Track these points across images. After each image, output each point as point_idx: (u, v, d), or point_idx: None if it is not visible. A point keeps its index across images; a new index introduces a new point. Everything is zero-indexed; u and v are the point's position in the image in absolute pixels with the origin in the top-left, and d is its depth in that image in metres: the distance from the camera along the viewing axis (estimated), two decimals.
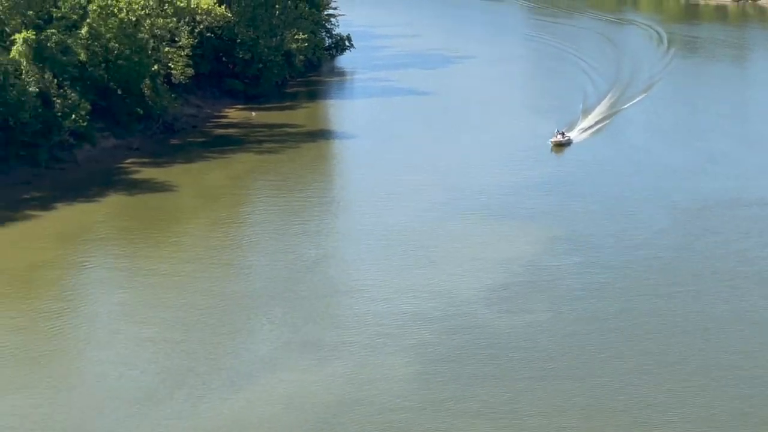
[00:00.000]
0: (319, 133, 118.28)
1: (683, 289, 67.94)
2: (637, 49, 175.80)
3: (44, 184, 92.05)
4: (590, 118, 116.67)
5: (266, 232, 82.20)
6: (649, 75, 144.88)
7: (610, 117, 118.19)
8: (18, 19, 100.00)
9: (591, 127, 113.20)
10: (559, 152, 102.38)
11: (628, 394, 54.03)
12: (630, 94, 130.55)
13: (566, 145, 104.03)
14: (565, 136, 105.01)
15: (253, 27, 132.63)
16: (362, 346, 59.59)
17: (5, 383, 55.48)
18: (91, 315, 65.11)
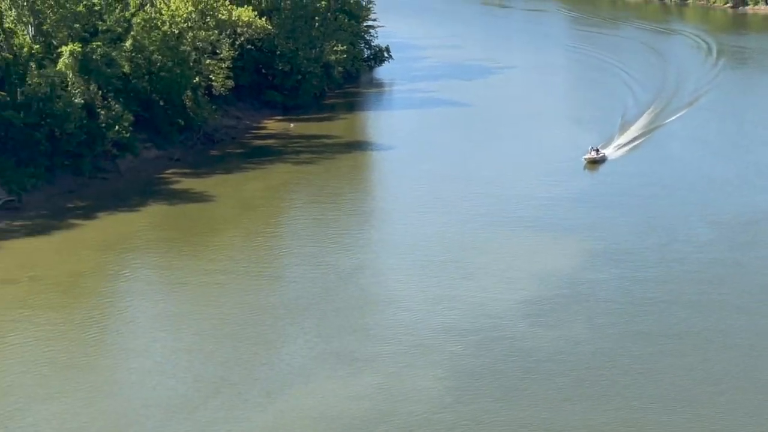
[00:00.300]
0: (356, 144, 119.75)
1: (727, 304, 68.25)
2: (683, 59, 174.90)
3: (88, 194, 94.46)
4: (629, 134, 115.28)
5: (302, 242, 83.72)
6: (694, 87, 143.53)
7: (650, 132, 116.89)
8: (65, 32, 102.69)
9: (629, 143, 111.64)
10: (593, 170, 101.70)
11: (668, 412, 54.43)
12: (674, 106, 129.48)
13: (600, 162, 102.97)
14: (599, 152, 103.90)
15: (293, 39, 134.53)
16: (396, 358, 60.68)
17: (44, 390, 57.27)
18: (129, 324, 66.95)
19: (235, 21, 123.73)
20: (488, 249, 79.29)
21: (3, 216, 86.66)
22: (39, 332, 64.37)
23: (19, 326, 65.30)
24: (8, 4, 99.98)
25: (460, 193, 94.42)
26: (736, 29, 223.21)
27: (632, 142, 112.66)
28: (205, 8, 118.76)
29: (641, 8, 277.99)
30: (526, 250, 78.88)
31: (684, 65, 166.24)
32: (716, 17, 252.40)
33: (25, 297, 70.04)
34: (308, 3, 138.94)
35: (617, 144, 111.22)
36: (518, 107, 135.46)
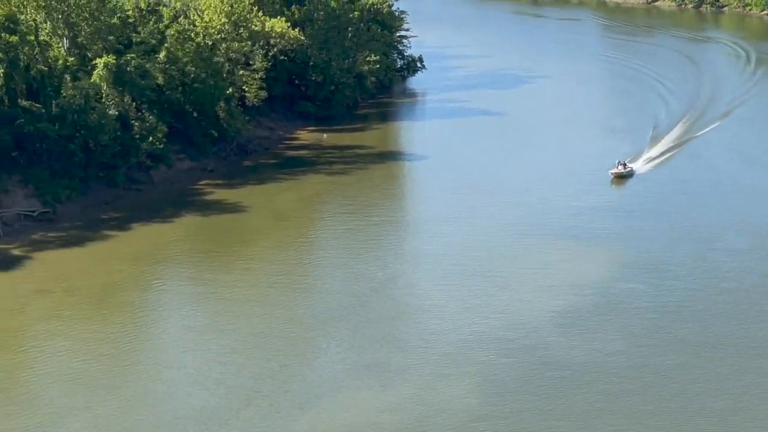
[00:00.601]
0: (389, 154, 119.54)
1: (765, 315, 67.37)
2: (719, 67, 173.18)
3: (122, 205, 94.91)
4: (659, 146, 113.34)
5: (334, 253, 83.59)
6: (730, 96, 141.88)
7: (681, 145, 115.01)
8: (99, 44, 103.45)
9: (659, 156, 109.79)
10: (619, 184, 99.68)
11: (706, 424, 53.87)
12: (708, 117, 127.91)
13: (628, 177, 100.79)
14: (626, 167, 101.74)
15: (326, 49, 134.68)
16: (428, 369, 60.30)
17: (76, 401, 57.44)
18: (161, 335, 67.13)
19: (268, 32, 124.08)
20: (520, 258, 78.84)
21: (38, 227, 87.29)
22: (72, 343, 64.68)
23: (52, 337, 65.64)
24: (43, 17, 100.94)
25: (492, 203, 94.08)
26: None
27: (662, 155, 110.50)
28: (238, 20, 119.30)
29: (676, 16, 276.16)
30: (558, 260, 78.27)
31: (720, 73, 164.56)
32: (752, 24, 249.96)
33: (59, 308, 70.42)
34: (341, 14, 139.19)
35: (647, 157, 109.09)
36: (551, 116, 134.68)
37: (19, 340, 65.78)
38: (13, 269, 78.15)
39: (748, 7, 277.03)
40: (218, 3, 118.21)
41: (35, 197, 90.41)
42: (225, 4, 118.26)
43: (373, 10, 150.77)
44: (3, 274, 77.18)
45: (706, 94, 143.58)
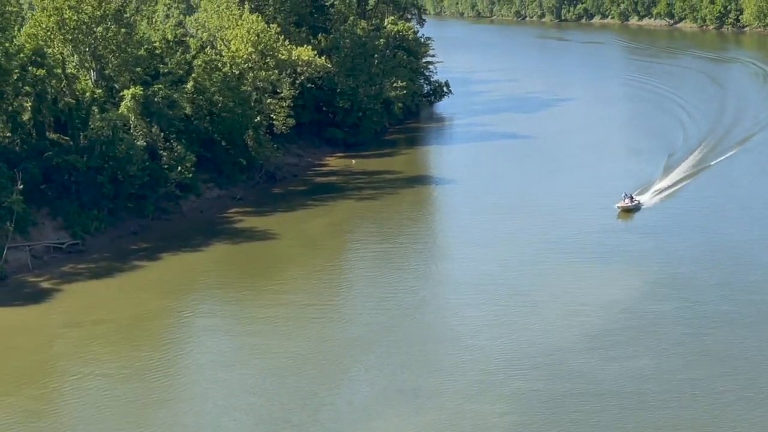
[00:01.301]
0: (417, 179, 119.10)
1: None
2: (741, 87, 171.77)
3: (151, 235, 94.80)
4: (672, 176, 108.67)
5: (364, 278, 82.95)
6: (752, 120, 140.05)
7: (696, 174, 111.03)
8: (127, 75, 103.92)
9: (670, 187, 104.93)
10: (626, 218, 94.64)
11: None
12: (728, 142, 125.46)
13: (635, 211, 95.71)
14: (633, 200, 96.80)
15: (353, 76, 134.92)
16: (460, 393, 59.24)
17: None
18: (190, 366, 66.29)
19: (295, 60, 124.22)
20: (550, 281, 77.77)
21: (67, 259, 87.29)
22: (100, 376, 64.07)
23: (80, 370, 65.12)
24: (70, 50, 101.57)
25: (521, 226, 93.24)
26: None
27: (674, 185, 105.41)
28: (264, 49, 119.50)
29: (698, 37, 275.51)
30: (587, 282, 77.20)
31: (742, 94, 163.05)
32: None
33: (88, 341, 69.97)
34: (367, 41, 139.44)
35: (657, 188, 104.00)
36: (576, 140, 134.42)
37: (47, 374, 65.29)
38: (42, 302, 78.00)
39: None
40: (245, 33, 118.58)
41: (64, 229, 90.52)
42: (251, 34, 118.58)
43: (399, 37, 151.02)
44: (32, 307, 77.04)
45: (729, 116, 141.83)
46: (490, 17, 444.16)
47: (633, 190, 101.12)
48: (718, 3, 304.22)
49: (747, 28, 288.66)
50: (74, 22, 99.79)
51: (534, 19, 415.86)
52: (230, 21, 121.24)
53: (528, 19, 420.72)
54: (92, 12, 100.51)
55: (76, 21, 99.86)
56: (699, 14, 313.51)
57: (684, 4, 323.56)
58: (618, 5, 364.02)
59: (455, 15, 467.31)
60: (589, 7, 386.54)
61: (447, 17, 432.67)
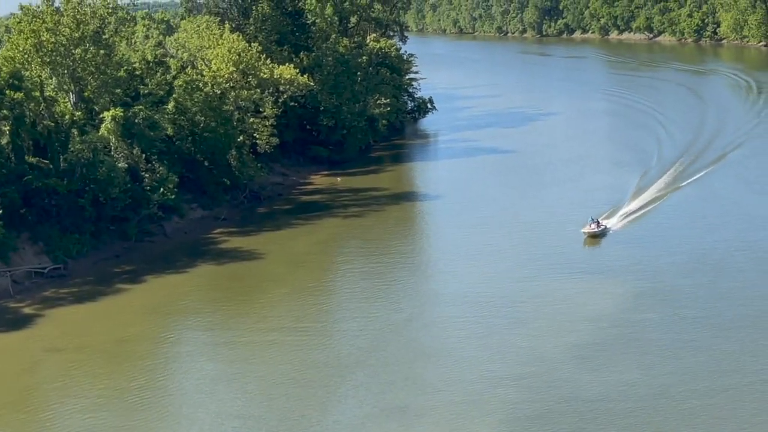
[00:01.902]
0: (403, 195, 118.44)
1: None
2: (722, 99, 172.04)
3: (134, 257, 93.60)
4: (644, 197, 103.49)
5: (351, 297, 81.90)
6: (732, 134, 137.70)
7: (671, 193, 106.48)
8: (106, 97, 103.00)
9: (639, 210, 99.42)
10: (593, 245, 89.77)
11: None
12: (707, 158, 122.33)
13: (602, 236, 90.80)
14: (600, 225, 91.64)
15: (336, 94, 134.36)
16: (448, 411, 58.22)
17: None
18: (174, 389, 65.01)
19: (277, 79, 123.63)
20: (536, 294, 76.92)
21: (49, 284, 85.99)
22: (82, 401, 62.79)
23: (63, 396, 63.96)
24: (49, 73, 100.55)
25: (506, 241, 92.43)
26: None
27: (645, 207, 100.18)
28: (246, 68, 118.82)
29: (677, 50, 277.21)
30: (573, 294, 76.36)
31: (724, 105, 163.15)
32: (751, 55, 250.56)
33: (70, 366, 68.69)
34: (350, 59, 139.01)
35: (626, 211, 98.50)
36: (558, 154, 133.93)
37: (29, 400, 63.97)
38: (24, 328, 76.68)
39: (746, 39, 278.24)
40: (226, 52, 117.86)
41: (45, 254, 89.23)
42: (232, 54, 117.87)
43: (382, 54, 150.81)
44: (14, 333, 75.73)
45: (709, 129, 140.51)
46: (473, 33, 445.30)
47: (611, 206, 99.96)
48: (696, 16, 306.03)
49: (724, 40, 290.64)
50: (52, 45, 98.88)
51: (516, 35, 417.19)
52: (211, 41, 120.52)
53: (510, 34, 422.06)
54: (70, 34, 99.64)
55: (54, 43, 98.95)
56: (677, 27, 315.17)
57: (663, 17, 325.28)
58: (598, 20, 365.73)
59: (437, 31, 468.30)
60: (570, 22, 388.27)
61: (429, 34, 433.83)
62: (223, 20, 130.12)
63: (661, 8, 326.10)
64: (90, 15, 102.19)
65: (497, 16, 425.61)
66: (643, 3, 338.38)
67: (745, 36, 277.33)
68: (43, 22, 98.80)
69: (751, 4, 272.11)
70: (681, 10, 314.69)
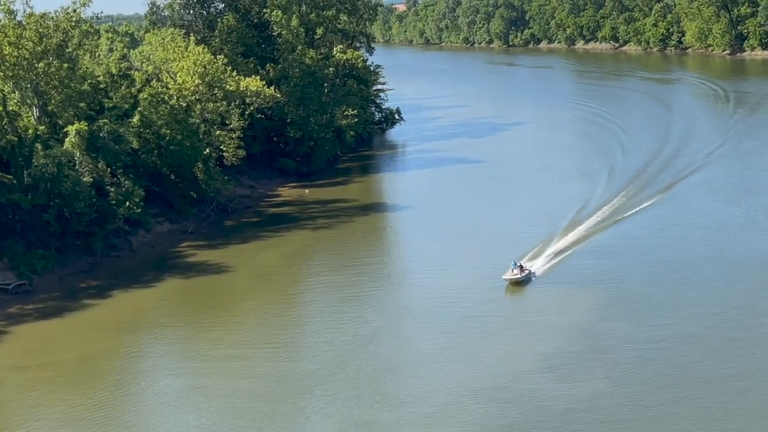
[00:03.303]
0: (371, 206, 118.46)
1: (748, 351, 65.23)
2: (691, 109, 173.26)
3: (101, 272, 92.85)
4: (584, 226, 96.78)
5: (318, 310, 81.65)
6: (698, 146, 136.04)
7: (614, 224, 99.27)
8: (70, 111, 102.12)
9: (574, 245, 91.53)
10: (515, 292, 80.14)
11: None
12: (666, 176, 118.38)
13: (525, 283, 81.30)
14: (523, 269, 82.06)
15: (303, 106, 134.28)
16: (418, 423, 58.13)
17: None
18: (139, 406, 64.41)
19: (244, 91, 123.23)
20: (504, 306, 77.22)
21: (14, 300, 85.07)
22: (45, 421, 62.06)
23: (24, 415, 63.17)
24: (11, 87, 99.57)
25: (475, 252, 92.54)
26: (736, 75, 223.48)
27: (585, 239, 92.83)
28: (212, 80, 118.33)
29: (642, 59, 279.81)
30: (543, 306, 76.42)
31: (691, 114, 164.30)
32: (716, 64, 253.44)
33: (33, 384, 67.81)
34: (316, 70, 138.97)
35: (551, 252, 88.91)
36: (526, 164, 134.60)
37: None
38: None
39: (711, 48, 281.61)
40: (191, 65, 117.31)
41: (10, 270, 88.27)
42: (198, 66, 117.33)
43: (348, 66, 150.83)
44: None
45: (673, 142, 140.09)
46: (439, 44, 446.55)
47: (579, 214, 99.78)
48: (661, 26, 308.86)
49: (689, 49, 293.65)
50: (14, 59, 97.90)
51: (482, 45, 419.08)
52: (176, 53, 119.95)
53: (476, 45, 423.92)
54: (33, 47, 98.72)
55: (17, 57, 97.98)
56: (643, 37, 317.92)
57: (628, 27, 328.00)
58: (564, 30, 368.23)
59: (404, 42, 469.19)
60: (536, 32, 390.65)
61: (396, 45, 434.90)
62: (188, 33, 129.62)
63: (627, 18, 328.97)
64: (53, 28, 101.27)
65: (464, 26, 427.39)
66: (609, 13, 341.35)
67: (710, 45, 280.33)
68: (5, 36, 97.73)
69: (715, 13, 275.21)
70: (646, 19, 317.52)
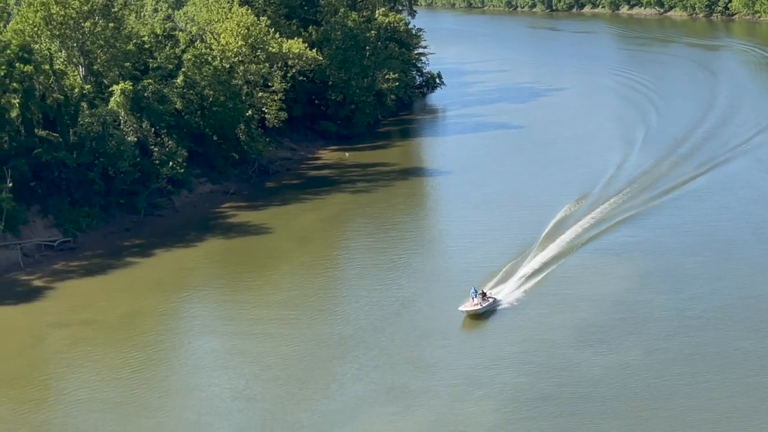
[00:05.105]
0: (411, 171, 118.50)
1: None
2: (739, 78, 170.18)
3: (143, 231, 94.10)
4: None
5: (356, 273, 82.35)
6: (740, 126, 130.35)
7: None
8: (116, 71, 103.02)
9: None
10: (472, 327, 68.88)
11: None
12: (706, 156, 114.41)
13: (487, 313, 69.93)
14: (486, 298, 70.40)
15: (345, 69, 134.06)
16: (449, 390, 58.73)
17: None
18: (178, 364, 65.70)
19: (286, 53, 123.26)
20: (542, 274, 76.67)
21: (59, 257, 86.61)
22: (83, 378, 63.31)
23: (63, 372, 64.69)
24: (58, 46, 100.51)
25: (514, 219, 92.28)
26: None
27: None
28: (255, 42, 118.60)
29: (688, 25, 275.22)
30: (582, 273, 76.55)
31: (738, 83, 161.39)
32: (763, 30, 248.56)
33: (74, 341, 69.14)
34: (358, 33, 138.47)
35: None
36: (566, 131, 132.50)
37: (31, 376, 64.28)
38: (32, 301, 77.50)
39: (758, 14, 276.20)
40: (234, 26, 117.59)
41: (55, 227, 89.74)
42: (241, 28, 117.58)
43: (390, 29, 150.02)
44: (23, 306, 76.55)
45: (717, 114, 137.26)
46: (482, 8, 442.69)
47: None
48: None
49: (736, 15, 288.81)
50: (61, 18, 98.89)
51: (525, 9, 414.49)
52: (219, 14, 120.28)
53: (519, 9, 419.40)
54: (79, 7, 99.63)
55: (63, 16, 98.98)
56: (689, 2, 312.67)
57: None
58: None
59: (446, 6, 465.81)
60: None
61: (438, 8, 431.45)
62: None
63: None
64: None
65: None
66: None
67: (757, 11, 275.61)
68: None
69: None
70: None
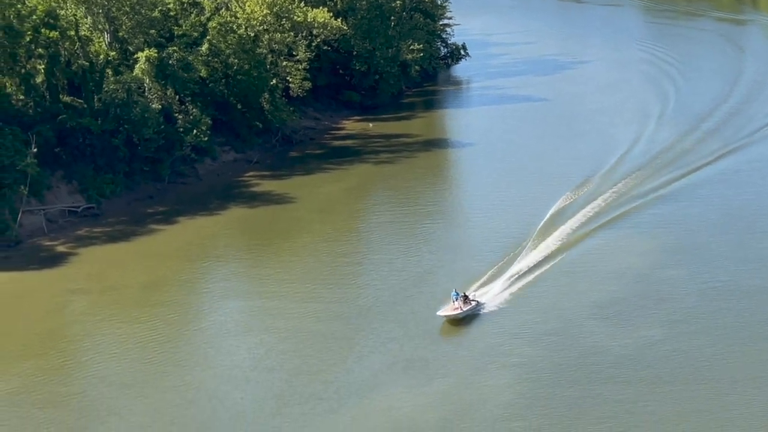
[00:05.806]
0: (434, 142, 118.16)
1: None
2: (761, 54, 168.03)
3: (167, 198, 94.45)
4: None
5: (378, 244, 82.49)
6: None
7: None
8: (141, 38, 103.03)
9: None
10: (451, 334, 64.14)
11: (745, 413, 52.25)
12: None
13: (469, 316, 65.53)
14: (468, 301, 65.80)
15: (369, 39, 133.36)
16: (468, 364, 58.99)
17: (111, 405, 56.49)
18: (198, 332, 66.29)
19: (311, 22, 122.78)
20: (563, 248, 76.76)
21: (83, 223, 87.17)
22: (101, 347, 63.87)
23: (81, 340, 65.38)
24: (83, 12, 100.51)
25: (536, 192, 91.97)
26: None
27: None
28: (280, 11, 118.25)
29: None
30: (604, 246, 76.41)
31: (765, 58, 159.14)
32: None
33: (94, 309, 69.78)
34: (384, 3, 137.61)
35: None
36: (590, 105, 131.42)
37: (49, 344, 64.84)
38: (55, 266, 78.31)
39: None
40: None
41: (79, 193, 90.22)
42: None
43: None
44: (46, 271, 77.40)
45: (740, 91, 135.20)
46: None
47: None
48: None
49: None
50: None
51: None
52: None
53: None
54: None
55: None
56: None
57: None
58: None
59: None
60: None
61: None
62: None
63: None
64: None
65: None
66: None
67: None
68: None
69: None
70: None
